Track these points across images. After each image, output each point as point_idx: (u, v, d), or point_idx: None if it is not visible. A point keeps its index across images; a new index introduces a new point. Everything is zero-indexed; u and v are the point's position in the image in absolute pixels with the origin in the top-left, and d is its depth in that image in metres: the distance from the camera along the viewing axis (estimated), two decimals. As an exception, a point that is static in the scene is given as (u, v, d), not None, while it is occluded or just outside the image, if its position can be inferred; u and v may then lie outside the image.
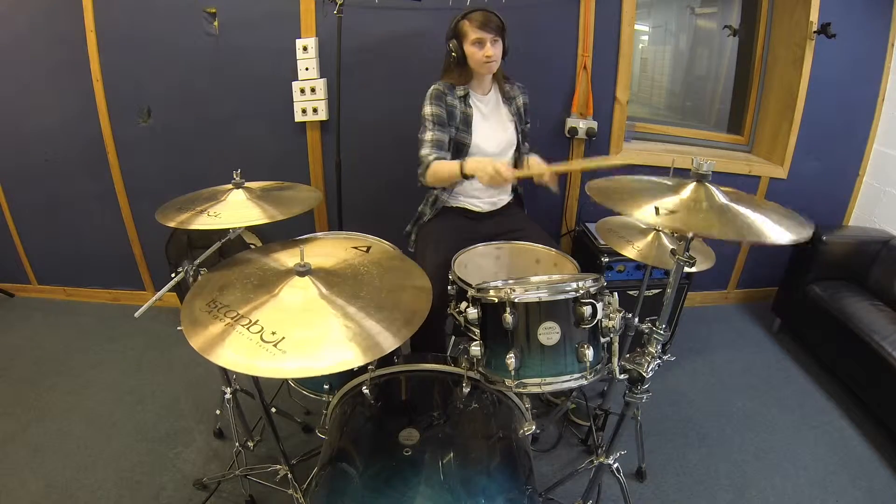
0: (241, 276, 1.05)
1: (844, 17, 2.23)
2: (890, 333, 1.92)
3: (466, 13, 1.66)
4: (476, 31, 1.63)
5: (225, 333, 0.88)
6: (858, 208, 2.69)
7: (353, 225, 1.94)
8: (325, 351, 0.85)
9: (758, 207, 1.03)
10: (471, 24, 1.64)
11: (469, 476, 0.98)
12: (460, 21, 1.67)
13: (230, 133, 2.36)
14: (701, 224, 0.98)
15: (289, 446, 1.75)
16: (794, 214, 1.05)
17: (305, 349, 0.85)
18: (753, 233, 0.96)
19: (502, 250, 1.70)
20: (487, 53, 1.65)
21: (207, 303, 0.97)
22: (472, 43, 1.65)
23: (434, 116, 1.72)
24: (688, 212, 1.00)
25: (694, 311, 2.70)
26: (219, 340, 0.86)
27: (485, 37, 1.63)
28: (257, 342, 0.85)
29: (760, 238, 0.95)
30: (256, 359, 0.83)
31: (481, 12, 1.64)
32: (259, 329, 0.88)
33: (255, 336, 0.86)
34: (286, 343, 0.85)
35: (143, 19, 2.17)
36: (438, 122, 1.72)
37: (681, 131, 2.69)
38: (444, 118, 1.73)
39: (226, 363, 0.84)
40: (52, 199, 2.53)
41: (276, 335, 0.86)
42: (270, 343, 0.85)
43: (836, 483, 1.71)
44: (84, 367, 2.20)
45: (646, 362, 1.15)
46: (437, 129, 1.71)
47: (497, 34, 1.65)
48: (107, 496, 1.58)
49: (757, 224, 0.97)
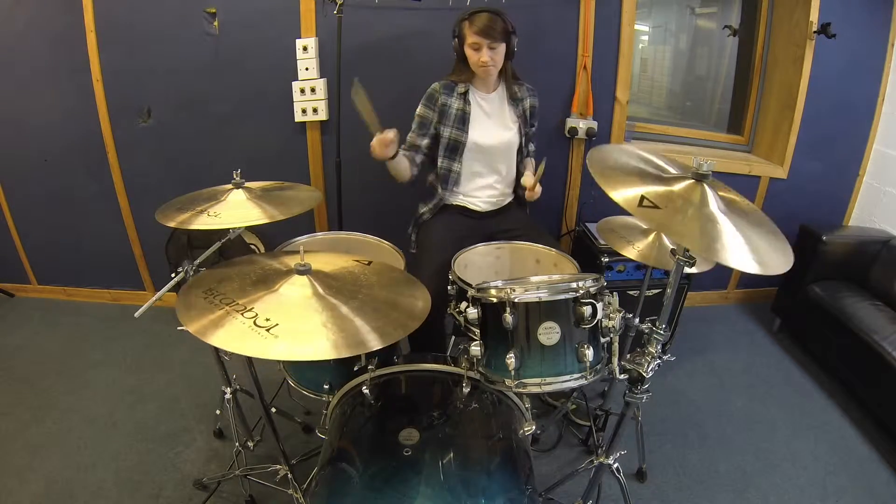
0: (241, 273, 1.06)
1: (844, 17, 2.23)
2: (890, 333, 1.92)
3: (470, 14, 1.63)
4: (473, 35, 1.62)
5: (220, 319, 0.90)
6: (858, 208, 2.69)
7: (353, 225, 1.94)
8: (312, 340, 0.87)
9: (747, 225, 1.00)
10: (469, 28, 1.62)
11: (469, 476, 0.98)
12: (462, 21, 1.65)
13: (230, 133, 2.36)
14: (676, 228, 0.95)
15: (289, 446, 1.75)
16: (784, 244, 1.02)
17: (296, 336, 0.87)
18: (722, 256, 0.90)
19: (502, 250, 1.70)
20: (482, 59, 1.64)
21: (205, 290, 0.98)
22: (470, 46, 1.65)
23: (418, 118, 1.78)
24: (671, 211, 0.97)
25: (694, 311, 2.70)
26: (213, 324, 0.89)
27: (481, 42, 1.61)
28: (250, 326, 0.88)
29: (727, 263, 0.90)
30: (247, 340, 0.85)
31: (484, 16, 1.61)
32: (253, 315, 0.90)
33: (249, 321, 0.89)
34: (279, 329, 0.87)
35: (143, 19, 2.17)
36: (420, 125, 1.78)
37: (681, 131, 2.69)
38: (428, 121, 1.76)
39: (218, 343, 0.86)
40: (52, 199, 2.53)
41: (269, 321, 0.89)
42: (263, 328, 0.87)
43: (836, 483, 1.71)
44: (84, 367, 2.20)
45: (646, 362, 1.14)
46: (417, 131, 1.78)
47: (497, 39, 1.62)
48: (107, 496, 1.58)
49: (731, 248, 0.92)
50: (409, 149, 1.78)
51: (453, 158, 1.78)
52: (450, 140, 1.75)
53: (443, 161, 1.79)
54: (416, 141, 1.78)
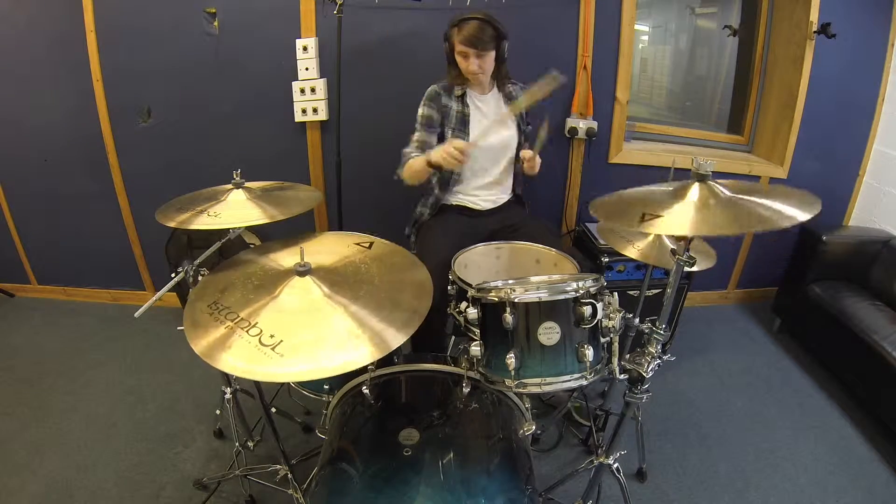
0: (243, 277, 1.06)
1: (844, 17, 2.23)
2: (890, 333, 1.92)
3: (459, 21, 1.62)
4: (460, 44, 1.62)
5: (226, 337, 0.88)
6: (858, 208, 2.69)
7: (353, 225, 1.94)
8: (326, 351, 0.85)
9: (761, 194, 1.03)
10: (458, 35, 1.62)
11: (469, 476, 0.98)
12: (452, 28, 1.65)
13: (230, 133, 2.36)
14: (717, 222, 0.96)
15: (289, 446, 1.75)
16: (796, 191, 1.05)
17: (303, 351, 0.85)
18: (766, 221, 0.94)
19: (502, 250, 1.70)
20: (470, 68, 1.65)
21: (209, 304, 0.97)
22: (458, 53, 1.65)
23: (424, 118, 1.76)
24: (698, 213, 0.99)
25: (694, 311, 2.70)
26: (219, 344, 0.87)
27: (468, 51, 1.61)
28: (256, 346, 0.85)
29: (779, 224, 0.93)
30: (255, 363, 0.83)
31: (473, 24, 1.59)
32: (258, 332, 0.88)
33: (254, 339, 0.87)
34: (284, 346, 0.85)
35: (143, 19, 2.17)
36: (427, 124, 1.75)
37: (681, 131, 2.69)
38: (435, 120, 1.75)
39: (227, 368, 0.84)
40: (52, 199, 2.53)
41: (273, 338, 0.86)
42: (269, 346, 0.85)
43: (836, 483, 1.71)
44: (84, 367, 2.20)
45: (646, 362, 1.15)
46: (425, 130, 1.76)
47: (487, 48, 1.62)
48: (107, 496, 1.58)
49: (767, 212, 0.96)
50: (422, 150, 1.74)
51: None
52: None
53: None
54: (429, 140, 1.75)
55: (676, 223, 0.99)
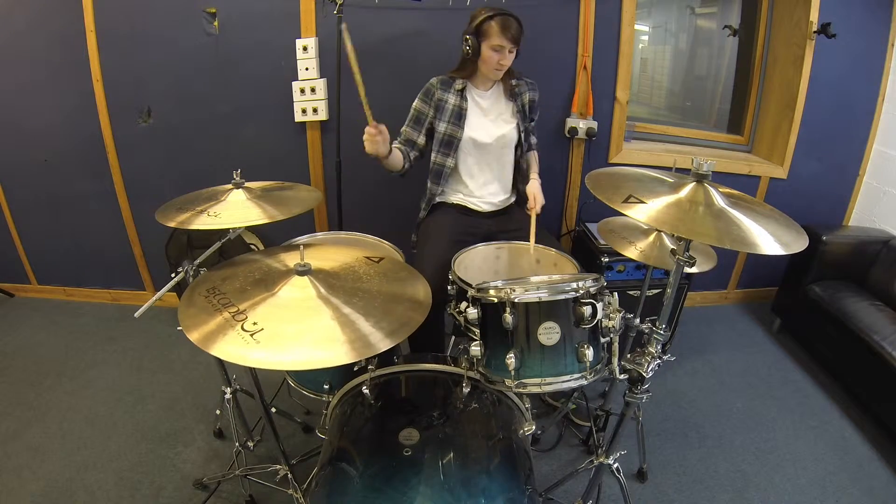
0: (246, 271, 1.07)
1: (844, 17, 2.23)
2: (890, 333, 1.92)
3: (496, 15, 1.61)
4: (499, 36, 1.61)
5: (210, 316, 0.91)
6: (858, 208, 2.69)
7: (353, 225, 1.94)
8: (304, 349, 0.86)
9: (756, 214, 1.03)
10: (497, 28, 1.61)
11: (469, 476, 0.98)
12: (486, 21, 1.62)
13: (230, 133, 2.36)
14: (693, 227, 0.96)
15: (289, 446, 1.75)
16: (791, 222, 1.04)
17: (280, 343, 0.86)
18: (746, 243, 0.94)
19: (502, 250, 1.70)
20: (503, 62, 1.66)
21: (208, 289, 0.99)
22: (492, 47, 1.64)
23: (414, 111, 1.80)
24: (680, 212, 0.99)
25: (694, 311, 2.70)
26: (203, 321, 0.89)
27: (506, 45, 1.62)
28: (238, 330, 0.87)
29: (754, 249, 0.93)
30: (229, 344, 0.85)
31: (513, 20, 1.61)
32: (244, 318, 0.90)
33: (238, 324, 0.89)
34: (263, 335, 0.87)
35: (142, 19, 2.17)
36: (415, 119, 1.80)
37: (681, 131, 2.69)
38: (424, 115, 1.78)
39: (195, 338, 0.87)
40: (52, 199, 2.53)
41: (256, 325, 0.88)
42: (248, 332, 0.87)
43: (836, 483, 1.71)
44: (84, 367, 2.20)
45: (646, 362, 1.15)
46: (411, 125, 1.80)
47: (519, 44, 1.65)
48: (107, 496, 1.58)
49: (751, 234, 0.96)
50: (403, 143, 1.78)
51: (447, 154, 1.78)
52: (444, 134, 1.76)
53: (436, 156, 1.80)
54: (412, 136, 1.79)
55: (653, 215, 0.99)
